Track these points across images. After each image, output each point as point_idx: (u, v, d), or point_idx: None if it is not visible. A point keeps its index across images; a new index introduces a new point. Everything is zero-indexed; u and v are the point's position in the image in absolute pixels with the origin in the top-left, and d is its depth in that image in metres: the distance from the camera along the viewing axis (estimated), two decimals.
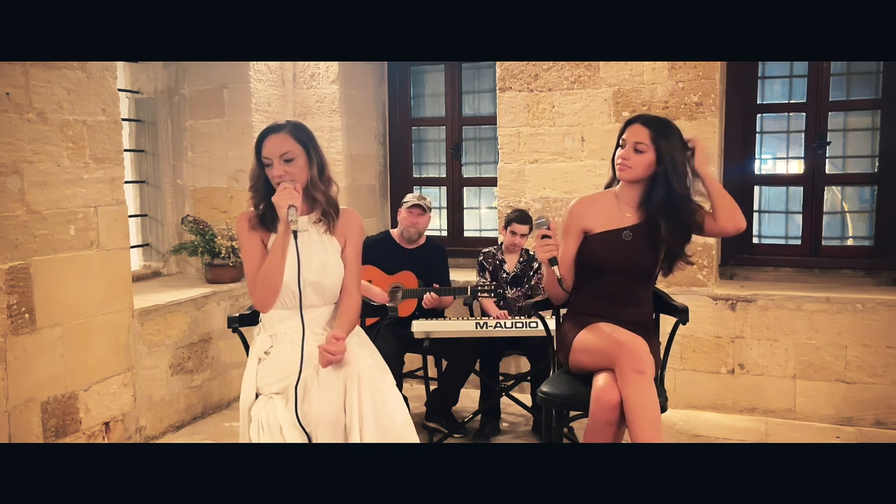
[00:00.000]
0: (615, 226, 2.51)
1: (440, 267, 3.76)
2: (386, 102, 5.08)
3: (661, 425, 2.25)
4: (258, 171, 2.32)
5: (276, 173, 2.25)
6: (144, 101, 4.41)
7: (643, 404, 2.22)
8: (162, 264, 4.46)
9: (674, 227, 2.44)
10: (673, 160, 2.42)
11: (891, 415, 3.58)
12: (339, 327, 2.28)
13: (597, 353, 2.39)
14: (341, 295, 2.39)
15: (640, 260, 2.50)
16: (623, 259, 2.49)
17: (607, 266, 2.51)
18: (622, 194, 2.55)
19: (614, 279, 2.52)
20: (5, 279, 2.81)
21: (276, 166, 2.25)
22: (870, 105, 4.00)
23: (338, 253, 2.40)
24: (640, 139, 2.43)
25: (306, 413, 2.16)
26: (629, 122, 2.50)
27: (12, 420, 2.86)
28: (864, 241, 4.08)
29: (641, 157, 2.43)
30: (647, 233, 2.48)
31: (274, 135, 2.28)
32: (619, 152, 2.49)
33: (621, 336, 2.34)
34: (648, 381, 2.25)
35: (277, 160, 2.25)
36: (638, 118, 2.50)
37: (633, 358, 2.26)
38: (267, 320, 2.39)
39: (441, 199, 5.03)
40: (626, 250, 2.49)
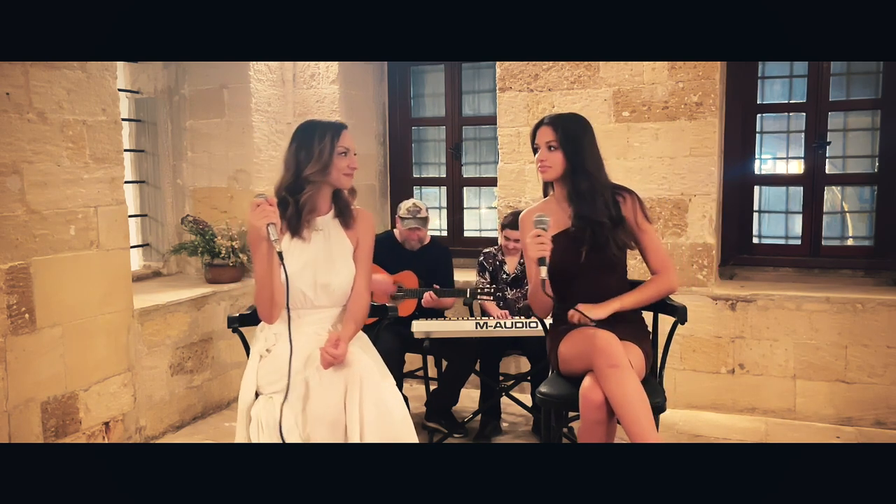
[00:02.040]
0: (562, 227, 2.53)
1: (444, 268, 3.75)
2: (386, 102, 5.08)
3: (651, 414, 2.23)
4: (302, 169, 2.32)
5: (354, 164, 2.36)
6: (144, 101, 4.41)
7: (625, 397, 2.22)
8: (162, 264, 4.47)
9: (587, 214, 2.49)
10: (579, 151, 2.50)
11: (891, 415, 3.58)
12: (344, 329, 2.30)
13: (577, 357, 2.41)
14: (351, 296, 2.40)
15: (594, 255, 2.50)
16: (578, 258, 2.49)
17: (570, 267, 2.51)
18: (559, 196, 2.60)
19: (582, 279, 2.52)
20: (5, 279, 2.81)
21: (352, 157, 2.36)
22: (870, 105, 4.00)
23: (350, 253, 2.41)
24: (548, 138, 2.51)
25: (306, 413, 2.16)
26: (536, 127, 2.58)
27: (12, 420, 2.86)
28: (864, 241, 4.08)
29: (555, 155, 2.50)
30: (589, 224, 2.50)
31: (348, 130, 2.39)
32: (536, 157, 2.55)
33: (592, 336, 2.35)
34: (625, 373, 2.24)
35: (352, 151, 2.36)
36: (542, 121, 2.57)
37: (604, 354, 2.26)
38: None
39: (441, 199, 5.03)
40: (577, 248, 2.50)
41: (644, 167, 3.87)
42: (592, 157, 2.53)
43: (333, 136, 2.33)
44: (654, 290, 2.59)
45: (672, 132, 3.82)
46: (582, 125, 2.55)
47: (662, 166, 3.86)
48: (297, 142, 2.36)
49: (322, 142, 2.31)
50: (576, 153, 2.50)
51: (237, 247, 4.07)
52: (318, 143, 2.31)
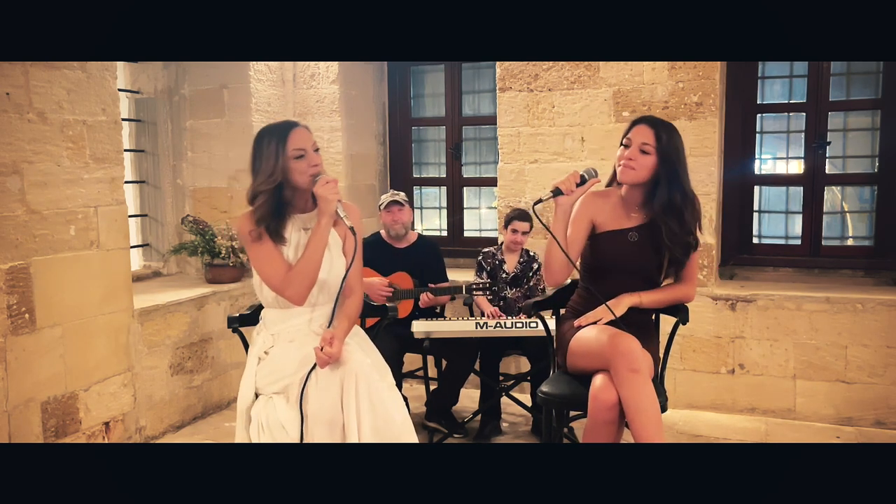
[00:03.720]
0: (621, 226, 2.51)
1: (434, 263, 3.74)
2: (386, 102, 5.08)
3: (661, 421, 2.25)
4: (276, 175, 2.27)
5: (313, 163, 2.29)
6: (144, 101, 4.41)
7: (641, 403, 2.23)
8: (162, 264, 4.47)
9: (675, 229, 2.44)
10: (676, 162, 2.42)
11: (891, 415, 3.58)
12: (338, 327, 2.28)
13: (592, 355, 2.40)
14: (344, 293, 2.34)
15: (644, 262, 2.50)
16: (628, 260, 2.49)
17: (613, 266, 2.50)
18: (627, 195, 2.54)
19: (619, 280, 2.51)
20: (5, 279, 2.81)
21: (311, 156, 2.29)
22: (870, 105, 3.99)
23: (339, 247, 2.40)
24: (646, 140, 2.42)
25: (304, 412, 2.16)
26: (635, 123, 2.48)
27: (12, 420, 2.86)
28: (864, 241, 4.07)
29: (647, 159, 2.42)
30: (651, 235, 2.48)
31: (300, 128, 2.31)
32: (623, 153, 2.47)
33: (614, 337, 2.34)
34: (644, 379, 2.26)
35: (311, 150, 2.29)
36: (644, 119, 2.48)
37: (627, 358, 2.26)
38: (268, 319, 2.39)
39: (441, 199, 5.03)
40: (632, 252, 2.49)
41: None
42: (686, 172, 2.47)
43: (279, 141, 2.26)
44: (673, 295, 2.57)
45: None
46: (681, 138, 2.48)
47: None
48: (252, 151, 2.33)
49: (269, 149, 2.27)
50: (672, 164, 2.42)
51: (237, 247, 4.07)
52: (265, 152, 2.27)
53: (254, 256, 2.32)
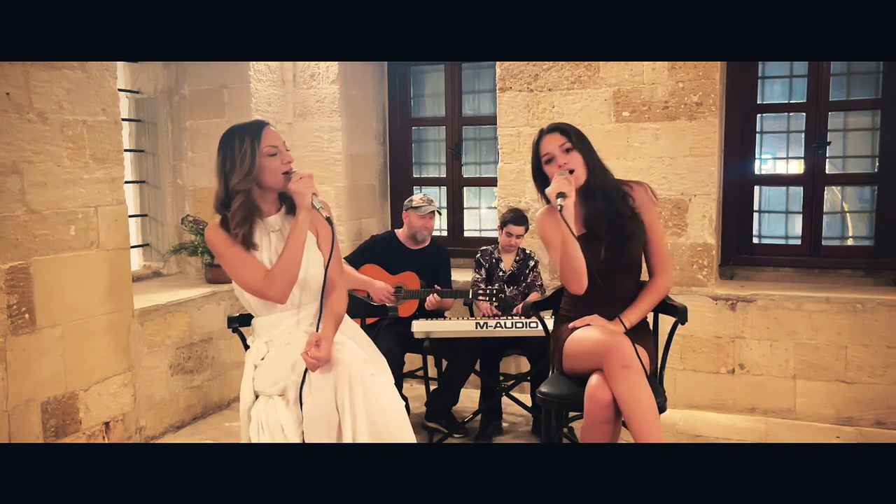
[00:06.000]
0: (578, 232, 2.52)
1: (443, 269, 3.77)
2: (386, 102, 5.08)
3: (658, 416, 2.25)
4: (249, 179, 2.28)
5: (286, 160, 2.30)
6: (144, 101, 4.41)
7: (635, 398, 2.23)
8: (162, 264, 4.46)
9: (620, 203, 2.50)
10: (590, 146, 2.54)
11: (891, 415, 3.58)
12: (325, 327, 2.25)
13: (585, 355, 2.41)
14: (327, 289, 2.32)
15: (615, 251, 2.50)
16: (599, 255, 2.49)
17: (588, 269, 2.50)
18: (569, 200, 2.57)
19: (597, 280, 2.52)
20: (5, 279, 2.81)
21: (283, 153, 2.30)
22: (870, 105, 3.99)
23: (314, 243, 2.37)
24: (561, 141, 2.51)
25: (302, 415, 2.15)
26: (540, 136, 2.58)
27: (12, 420, 2.86)
28: (864, 241, 4.07)
29: (575, 155, 2.50)
30: (607, 218, 2.51)
31: (271, 127, 2.33)
32: (551, 166, 2.52)
33: (606, 336, 2.35)
34: (637, 374, 2.26)
35: (283, 148, 2.31)
36: (544, 131, 2.58)
37: (617, 355, 2.27)
38: (260, 327, 2.37)
39: (441, 199, 5.03)
40: (598, 245, 2.50)
41: (644, 167, 3.87)
42: (598, 156, 2.58)
43: (253, 138, 2.26)
44: (652, 298, 2.59)
45: (672, 132, 3.82)
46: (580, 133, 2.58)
47: (662, 166, 3.86)
48: (221, 152, 2.31)
49: (242, 147, 2.26)
50: (590, 151, 2.54)
51: None
52: (238, 150, 2.26)
53: (229, 265, 2.30)
